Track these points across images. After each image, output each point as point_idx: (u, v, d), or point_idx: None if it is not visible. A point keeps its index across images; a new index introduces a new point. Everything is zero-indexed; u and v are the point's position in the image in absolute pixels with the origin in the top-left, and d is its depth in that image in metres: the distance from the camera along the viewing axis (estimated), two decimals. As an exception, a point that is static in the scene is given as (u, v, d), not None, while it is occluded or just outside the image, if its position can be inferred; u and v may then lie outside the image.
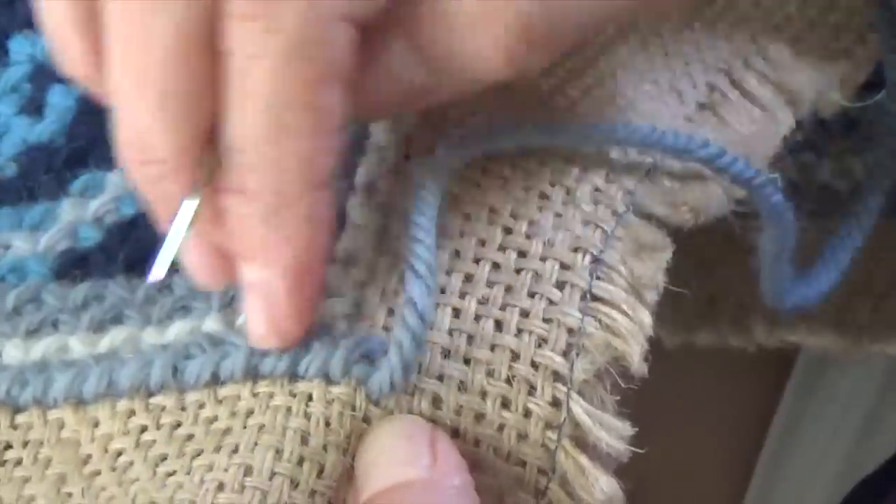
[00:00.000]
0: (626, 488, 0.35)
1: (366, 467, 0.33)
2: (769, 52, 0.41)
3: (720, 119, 0.39)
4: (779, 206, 0.37)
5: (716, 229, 0.42)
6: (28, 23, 0.43)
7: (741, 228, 0.39)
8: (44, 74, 0.42)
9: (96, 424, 0.36)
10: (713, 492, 0.57)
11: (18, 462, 0.36)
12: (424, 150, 0.37)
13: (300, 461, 0.33)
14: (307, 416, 0.33)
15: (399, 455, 0.33)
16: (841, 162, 0.48)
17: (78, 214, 0.39)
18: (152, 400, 0.35)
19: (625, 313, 0.35)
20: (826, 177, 0.49)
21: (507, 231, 0.36)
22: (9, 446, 0.36)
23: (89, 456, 0.35)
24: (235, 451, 0.33)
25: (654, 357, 0.36)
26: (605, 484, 0.34)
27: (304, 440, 0.33)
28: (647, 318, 0.35)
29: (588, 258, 0.35)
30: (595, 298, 0.35)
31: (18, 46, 0.43)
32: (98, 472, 0.35)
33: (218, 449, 0.34)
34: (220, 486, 0.33)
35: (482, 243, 0.35)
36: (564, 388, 0.34)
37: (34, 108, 0.42)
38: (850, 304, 0.50)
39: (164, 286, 0.37)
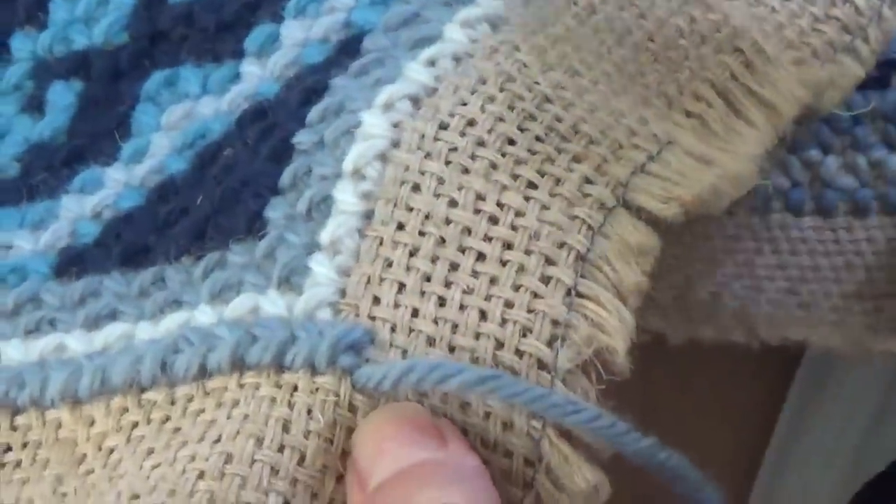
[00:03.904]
0: (629, 487, 0.35)
1: (371, 455, 0.33)
2: (756, 65, 0.40)
3: (707, 128, 0.39)
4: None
5: (714, 235, 0.42)
6: (29, 19, 0.43)
7: None
8: (45, 71, 0.42)
9: (92, 423, 0.36)
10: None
11: (18, 464, 0.36)
12: (417, 139, 0.37)
13: (280, 448, 0.33)
14: (290, 405, 0.33)
15: (407, 439, 0.32)
16: (846, 158, 0.48)
17: (78, 211, 0.39)
18: (145, 395, 0.35)
19: (609, 311, 0.34)
20: (831, 173, 0.49)
21: (493, 221, 0.35)
22: (8, 448, 0.36)
23: (84, 455, 0.35)
24: (218, 440, 0.33)
25: (659, 355, 0.36)
26: (588, 472, 0.34)
27: (286, 428, 0.33)
28: (629, 317, 0.35)
29: (573, 255, 0.35)
30: (580, 295, 0.35)
31: (20, 44, 0.42)
32: (91, 471, 0.35)
33: (201, 439, 0.34)
34: (201, 475, 0.33)
35: (468, 232, 0.35)
36: (549, 376, 0.34)
37: (35, 105, 0.42)
38: (850, 303, 0.50)
39: (158, 279, 0.37)
